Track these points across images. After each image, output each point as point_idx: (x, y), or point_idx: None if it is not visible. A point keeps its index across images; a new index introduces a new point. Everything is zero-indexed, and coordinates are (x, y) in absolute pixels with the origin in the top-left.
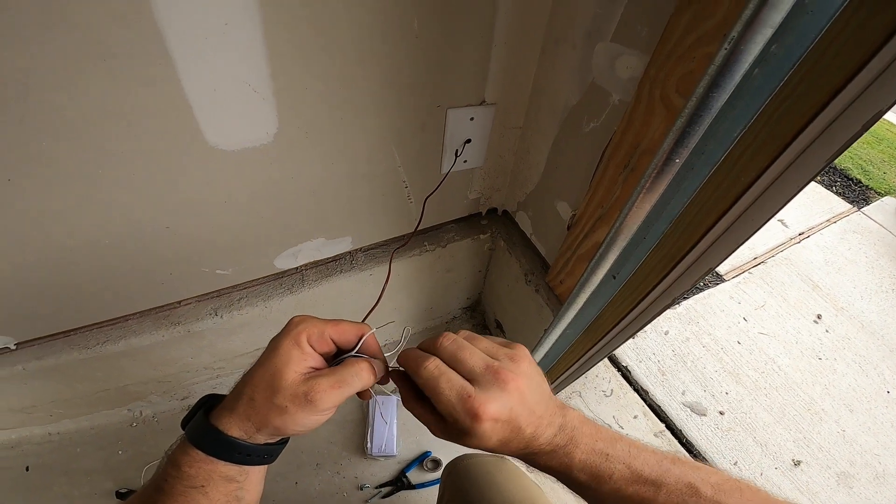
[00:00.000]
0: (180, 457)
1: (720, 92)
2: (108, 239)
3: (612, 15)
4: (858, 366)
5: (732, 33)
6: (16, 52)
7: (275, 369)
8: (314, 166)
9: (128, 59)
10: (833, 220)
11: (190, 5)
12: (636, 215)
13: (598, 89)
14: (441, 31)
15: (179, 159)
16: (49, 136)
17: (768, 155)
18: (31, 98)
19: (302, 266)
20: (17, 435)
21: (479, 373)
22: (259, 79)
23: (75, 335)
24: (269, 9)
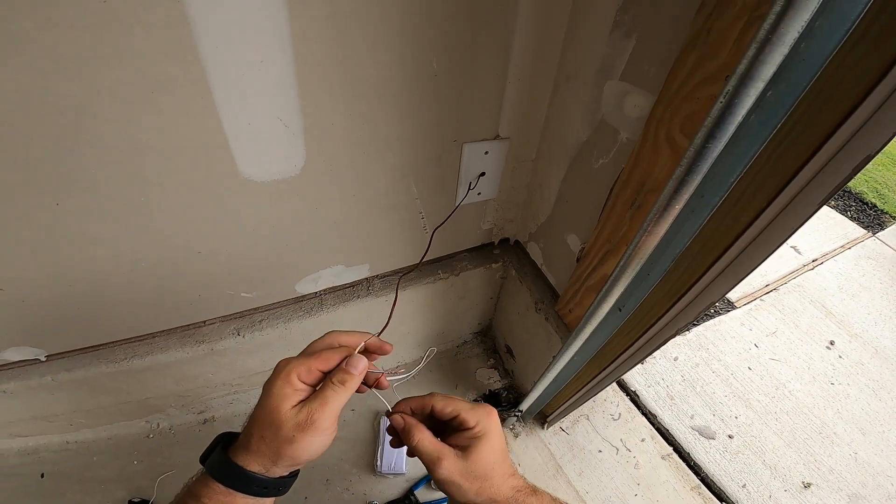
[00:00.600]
0: (200, 489)
1: (716, 143)
2: (146, 262)
3: (621, 54)
4: (872, 390)
5: (727, 87)
6: (74, 84)
7: (273, 408)
8: (337, 198)
9: (172, 92)
10: (847, 245)
11: (230, 42)
12: (641, 252)
13: (608, 127)
14: (458, 70)
15: (215, 189)
16: (97, 165)
17: (765, 196)
18: (84, 128)
19: (321, 291)
20: (35, 442)
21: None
22: (290, 114)
23: (104, 349)
24: (301, 47)
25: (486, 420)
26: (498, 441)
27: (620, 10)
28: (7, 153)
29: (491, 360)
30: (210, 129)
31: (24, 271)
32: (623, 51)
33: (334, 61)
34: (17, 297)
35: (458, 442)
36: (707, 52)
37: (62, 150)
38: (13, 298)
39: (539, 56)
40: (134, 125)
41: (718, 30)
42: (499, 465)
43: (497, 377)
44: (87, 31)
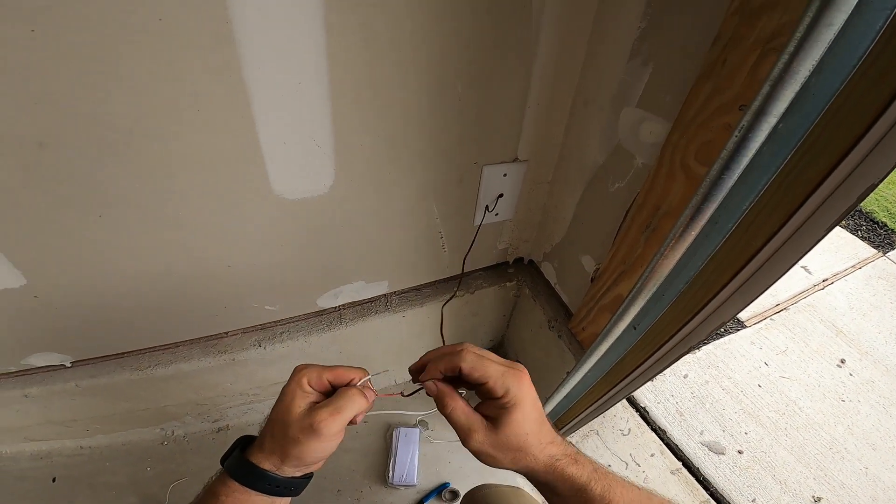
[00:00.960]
0: (219, 487)
1: (731, 173)
2: (178, 273)
3: (638, 82)
4: (883, 407)
5: (742, 122)
6: (127, 100)
7: (284, 408)
8: (361, 217)
9: (217, 111)
10: (858, 265)
11: (272, 63)
12: (657, 274)
13: (624, 152)
14: (482, 95)
15: (248, 206)
16: (141, 180)
17: (775, 222)
18: (133, 144)
19: (341, 306)
20: (49, 446)
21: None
22: (323, 135)
23: (129, 357)
24: (336, 71)
25: (517, 387)
26: (531, 410)
27: (638, 40)
28: (58, 166)
29: None
30: (248, 147)
31: (61, 279)
32: (640, 78)
33: (366, 85)
34: (51, 304)
35: (489, 411)
36: (721, 82)
37: (110, 164)
38: (46, 305)
39: (558, 82)
40: (179, 143)
41: (733, 61)
42: (533, 434)
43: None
44: (144, 48)
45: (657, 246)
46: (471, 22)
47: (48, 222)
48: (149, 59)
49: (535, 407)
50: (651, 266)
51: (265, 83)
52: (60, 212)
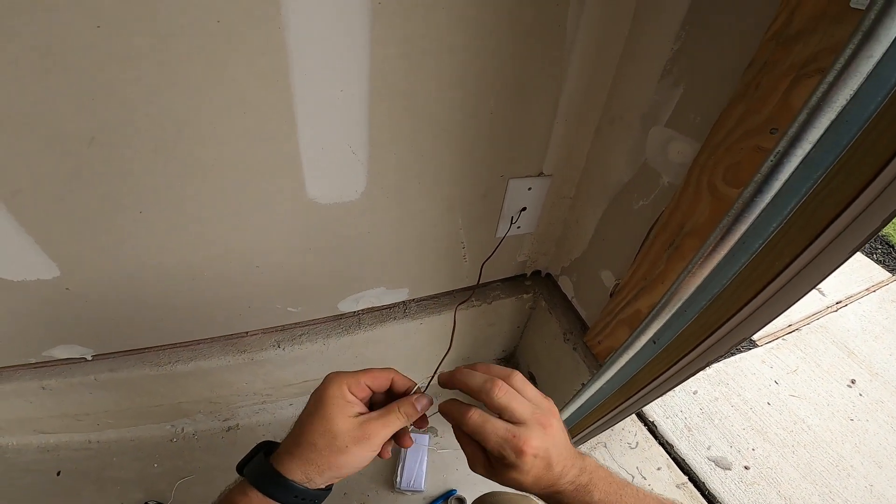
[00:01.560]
0: (238, 497)
1: (764, 196)
2: (209, 272)
3: (668, 102)
4: (890, 426)
5: (778, 148)
6: (180, 102)
7: (330, 417)
8: (388, 225)
9: (263, 115)
10: (872, 288)
11: (318, 71)
12: (682, 292)
13: (650, 170)
14: (513, 110)
15: (283, 208)
16: (184, 179)
17: (799, 244)
18: (181, 144)
19: (360, 310)
20: (56, 440)
21: (527, 417)
22: (359, 143)
23: (150, 353)
24: (377, 82)
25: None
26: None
27: (670, 61)
28: (105, 162)
29: None
30: (288, 151)
31: (93, 273)
32: (670, 99)
33: (403, 96)
34: (80, 297)
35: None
36: (754, 105)
37: (156, 163)
38: (76, 298)
39: (587, 100)
40: (224, 144)
41: (766, 85)
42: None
43: None
44: (201, 49)
45: (679, 263)
46: (509, 40)
47: (89, 216)
48: (204, 60)
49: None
50: (678, 282)
51: (310, 89)
52: (102, 207)
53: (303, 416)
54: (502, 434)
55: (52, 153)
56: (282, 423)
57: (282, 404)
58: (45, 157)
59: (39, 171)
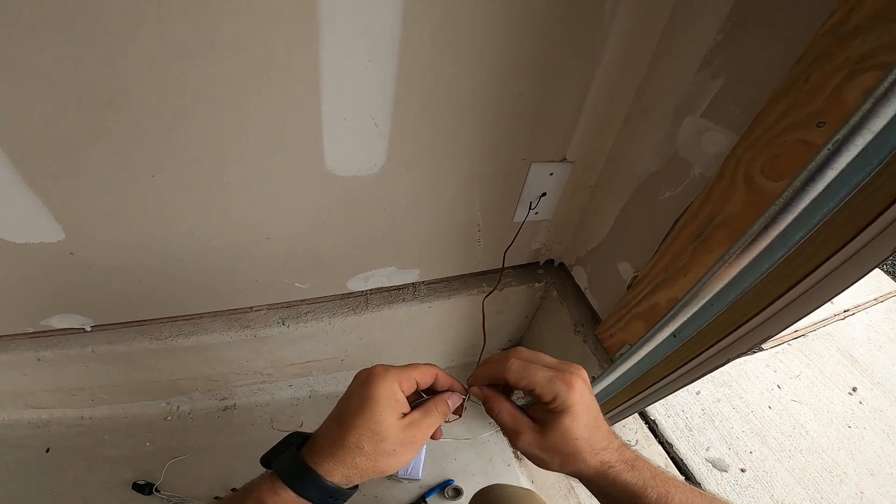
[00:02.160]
0: (268, 495)
1: (816, 185)
2: (218, 241)
3: (705, 92)
4: (887, 435)
5: (837, 136)
6: (204, 65)
7: (379, 418)
8: (405, 202)
9: (288, 82)
10: (881, 298)
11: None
12: (713, 285)
13: (680, 161)
14: (541, 92)
15: (298, 178)
16: (201, 144)
17: (841, 239)
18: (200, 108)
19: (369, 290)
20: (48, 415)
21: (556, 363)
22: (382, 116)
23: (150, 325)
24: (406, 54)
25: (566, 392)
26: (583, 414)
27: (711, 52)
28: (125, 123)
29: None
30: (310, 120)
31: (100, 238)
32: (708, 90)
33: (432, 71)
34: (84, 263)
35: (539, 414)
36: (801, 99)
37: (173, 125)
38: (81, 263)
39: (618, 87)
40: (245, 110)
41: (817, 79)
42: (584, 440)
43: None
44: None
45: (705, 256)
46: (543, 21)
47: (100, 179)
48: (234, 24)
49: (589, 411)
50: (710, 274)
51: (338, 58)
52: (114, 170)
53: (346, 414)
54: (548, 372)
55: (69, 112)
56: (280, 405)
57: (281, 385)
58: (62, 116)
59: (54, 130)
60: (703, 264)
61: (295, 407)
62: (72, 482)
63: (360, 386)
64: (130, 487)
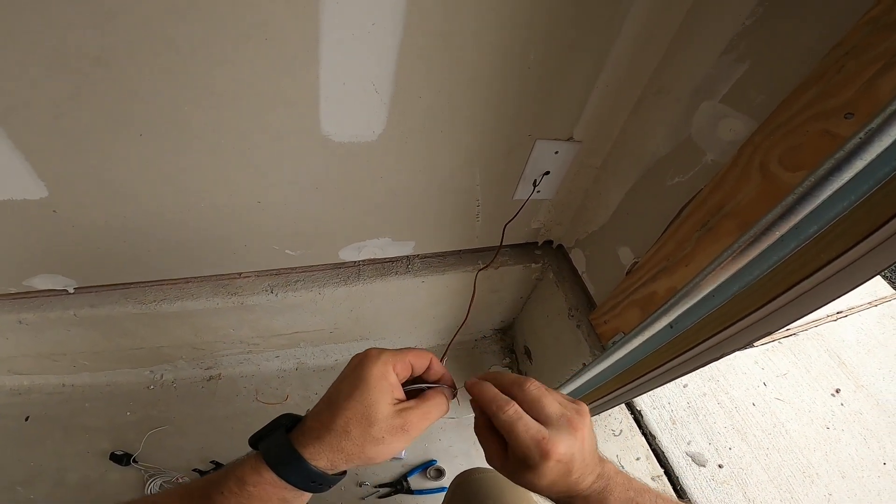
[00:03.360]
0: (249, 475)
1: (841, 175)
2: (206, 203)
3: (726, 78)
4: (863, 438)
5: (871, 125)
6: (198, 23)
7: (369, 402)
8: (403, 171)
9: (286, 42)
10: (874, 303)
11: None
12: (718, 276)
13: (693, 146)
14: (552, 67)
15: (292, 141)
16: (193, 105)
17: (854, 236)
18: (193, 67)
19: (362, 261)
20: (30, 382)
21: (555, 419)
22: (383, 81)
23: (134, 289)
24: (413, 19)
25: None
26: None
27: (738, 36)
28: (112, 82)
29: (507, 360)
30: (306, 82)
31: (84, 196)
32: (730, 75)
33: (439, 37)
34: (69, 223)
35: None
36: (830, 89)
37: (164, 85)
38: (64, 223)
39: (634, 66)
40: (239, 70)
41: (851, 69)
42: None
43: None
44: None
45: (710, 246)
46: None
47: (85, 137)
48: None
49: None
50: (717, 264)
51: (339, 19)
52: (101, 127)
53: (336, 396)
54: (533, 434)
55: (55, 69)
56: (265, 376)
57: (267, 356)
58: (47, 73)
59: (38, 87)
60: (708, 254)
61: (281, 379)
62: (49, 452)
63: (352, 369)
64: (108, 458)
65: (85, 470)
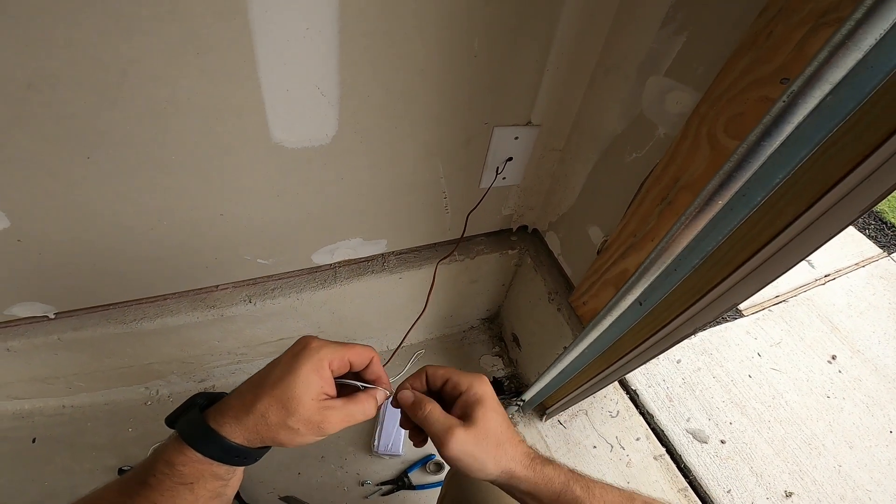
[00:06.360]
0: (174, 456)
1: (772, 140)
2: (168, 221)
3: (668, 51)
4: (866, 406)
5: (792, 87)
6: (125, 42)
7: (293, 394)
8: (363, 171)
9: (219, 54)
10: (862, 263)
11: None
12: (673, 248)
13: (645, 121)
14: (498, 54)
15: (245, 152)
16: (134, 122)
17: (805, 200)
18: (127, 86)
19: (336, 263)
20: (31, 405)
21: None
22: (328, 83)
23: (114, 310)
24: (348, 19)
25: (478, 384)
26: (497, 405)
27: (673, 7)
28: (48, 106)
29: (496, 348)
30: (248, 92)
31: (46, 223)
32: (671, 47)
33: (378, 34)
34: (35, 250)
35: (459, 411)
36: (763, 55)
37: (101, 105)
38: (31, 251)
39: (580, 47)
40: (176, 86)
41: (779, 33)
42: (506, 430)
43: (501, 365)
44: None
45: (672, 219)
46: None
47: (35, 163)
48: None
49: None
50: (669, 237)
51: (271, 27)
52: (47, 153)
53: (264, 379)
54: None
55: None
56: None
57: (258, 364)
58: None
59: None
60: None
61: None
62: (59, 471)
63: (289, 357)
64: (117, 474)
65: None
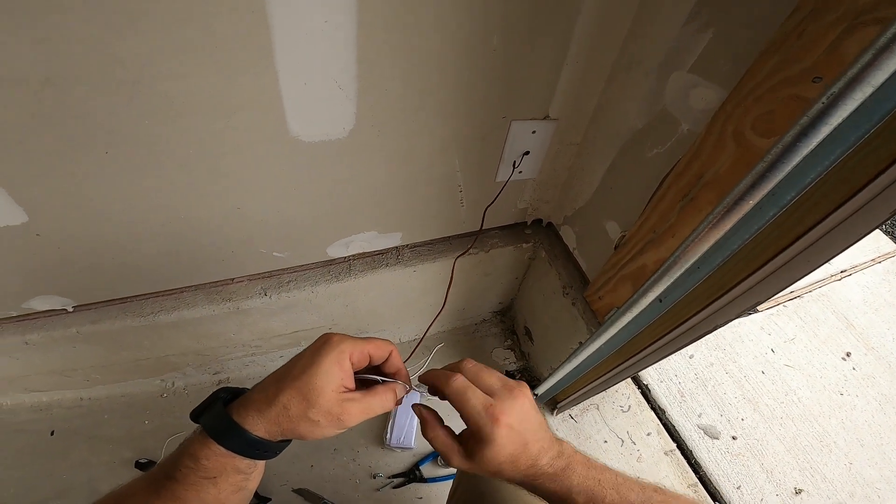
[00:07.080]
0: (199, 450)
1: (808, 141)
2: (185, 214)
3: (693, 47)
4: (878, 404)
5: (833, 89)
6: (142, 39)
7: (314, 385)
8: (380, 164)
9: (236, 51)
10: (878, 259)
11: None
12: (698, 247)
13: (668, 117)
14: (518, 48)
15: (262, 146)
16: (151, 119)
17: (834, 200)
18: (144, 82)
19: (351, 256)
20: (49, 398)
21: (497, 388)
22: (346, 77)
23: (132, 303)
24: (366, 14)
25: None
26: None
27: (699, 3)
28: (63, 104)
29: (508, 341)
30: (266, 87)
31: (64, 217)
32: (696, 44)
33: (397, 28)
34: (54, 245)
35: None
36: (794, 54)
37: (120, 102)
38: (49, 245)
39: (600, 42)
40: (193, 82)
41: (811, 33)
42: (507, 463)
43: (513, 359)
44: None
45: (693, 216)
46: None
47: (52, 158)
48: None
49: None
50: (694, 235)
51: (290, 21)
52: (64, 148)
53: (287, 373)
54: (481, 400)
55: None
56: None
57: (272, 356)
58: None
59: None
60: (691, 225)
61: None
62: (77, 464)
63: (311, 351)
64: (133, 466)
65: (114, 479)
